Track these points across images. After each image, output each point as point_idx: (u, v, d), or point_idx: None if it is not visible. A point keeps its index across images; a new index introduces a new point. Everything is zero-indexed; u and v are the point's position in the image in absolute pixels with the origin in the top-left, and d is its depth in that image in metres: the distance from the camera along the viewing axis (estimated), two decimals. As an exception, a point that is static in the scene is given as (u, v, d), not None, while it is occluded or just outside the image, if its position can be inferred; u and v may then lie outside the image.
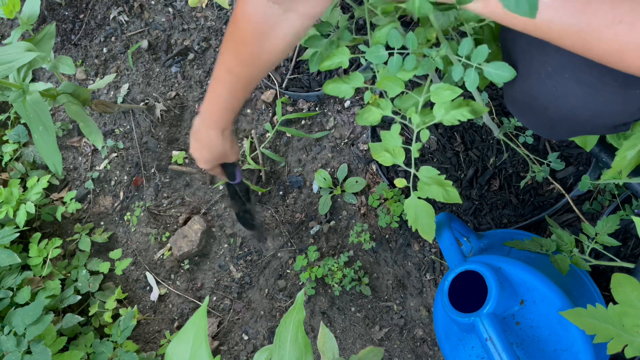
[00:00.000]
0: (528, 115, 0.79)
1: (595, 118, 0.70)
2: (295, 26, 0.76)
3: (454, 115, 0.75)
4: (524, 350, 0.88)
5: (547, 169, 1.21)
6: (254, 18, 0.75)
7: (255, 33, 0.76)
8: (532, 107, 0.75)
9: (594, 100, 0.68)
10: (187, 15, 1.82)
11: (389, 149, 0.79)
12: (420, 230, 0.77)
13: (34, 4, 1.36)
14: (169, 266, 1.61)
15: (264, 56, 0.80)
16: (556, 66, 0.68)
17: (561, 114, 0.72)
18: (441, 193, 0.74)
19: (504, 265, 0.92)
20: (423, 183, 0.76)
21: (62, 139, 1.84)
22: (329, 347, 0.75)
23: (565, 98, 0.70)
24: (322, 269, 1.41)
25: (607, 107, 0.68)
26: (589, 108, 0.69)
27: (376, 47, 0.73)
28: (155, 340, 1.56)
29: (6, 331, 1.34)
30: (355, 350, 1.38)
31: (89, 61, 1.90)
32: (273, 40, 0.77)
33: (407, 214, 0.77)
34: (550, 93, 0.71)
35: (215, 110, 0.94)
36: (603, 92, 0.67)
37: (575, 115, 0.71)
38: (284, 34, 0.76)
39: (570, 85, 0.68)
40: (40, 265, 1.58)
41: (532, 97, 0.73)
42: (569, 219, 1.27)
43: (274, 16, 0.74)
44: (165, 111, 1.74)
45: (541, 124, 0.79)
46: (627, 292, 0.69)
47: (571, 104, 0.70)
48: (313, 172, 1.55)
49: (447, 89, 0.74)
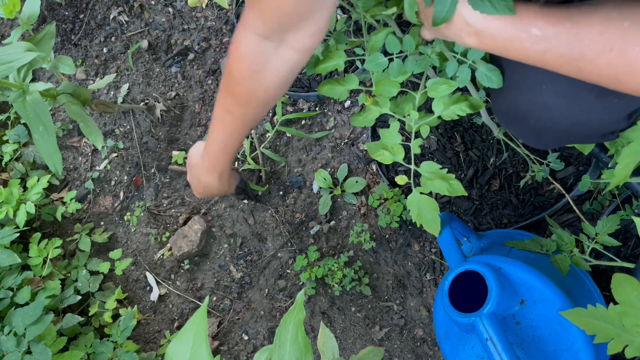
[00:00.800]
0: (514, 125, 0.81)
1: (576, 127, 0.72)
2: (289, 61, 0.75)
3: (453, 110, 0.76)
4: (524, 350, 0.88)
5: (546, 169, 1.21)
6: (246, 57, 0.74)
7: (248, 72, 0.76)
8: (516, 117, 0.77)
9: (571, 110, 0.70)
10: (187, 15, 1.82)
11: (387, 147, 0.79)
12: (425, 224, 0.76)
13: (34, 4, 1.36)
14: (169, 266, 1.61)
15: (260, 95, 0.79)
16: (535, 78, 0.70)
17: (542, 124, 0.74)
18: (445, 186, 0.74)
19: (504, 265, 0.92)
20: (426, 178, 0.76)
21: (62, 139, 1.84)
22: (329, 347, 0.75)
23: (544, 108, 0.72)
24: (322, 269, 1.41)
25: (586, 117, 0.70)
26: (568, 117, 0.71)
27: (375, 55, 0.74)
28: (155, 340, 1.56)
29: (6, 331, 1.34)
30: (355, 350, 1.38)
31: (89, 61, 1.90)
32: (267, 78, 0.77)
33: (410, 210, 0.77)
34: (529, 104, 0.73)
35: (212, 153, 0.95)
36: (580, 102, 0.68)
37: (556, 124, 0.73)
38: (277, 70, 0.76)
39: (549, 96, 0.70)
40: (40, 265, 1.58)
41: (514, 107, 0.75)
42: (569, 219, 1.27)
43: (266, 53, 0.74)
44: (165, 111, 1.74)
45: (527, 133, 0.81)
46: (628, 292, 0.69)
47: (550, 114, 0.72)
48: (313, 172, 1.55)
49: (443, 83, 0.75)
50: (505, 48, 0.62)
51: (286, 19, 0.69)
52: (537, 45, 0.59)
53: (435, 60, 0.73)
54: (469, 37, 0.64)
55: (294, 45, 0.73)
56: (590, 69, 0.58)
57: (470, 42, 0.64)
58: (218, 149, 0.93)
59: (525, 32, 0.59)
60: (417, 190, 0.76)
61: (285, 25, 0.70)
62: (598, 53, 0.56)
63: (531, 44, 0.59)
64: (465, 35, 0.64)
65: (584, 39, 0.56)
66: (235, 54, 0.75)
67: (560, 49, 0.58)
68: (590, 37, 0.56)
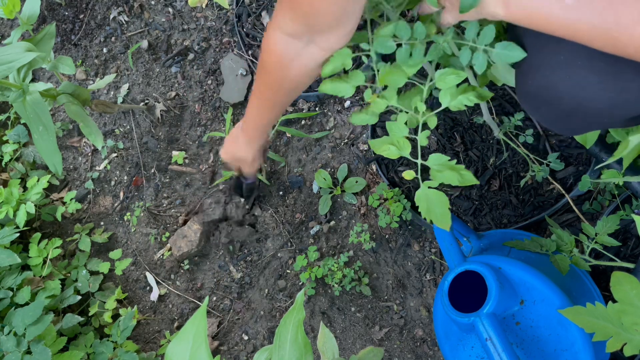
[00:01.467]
0: (542, 110, 0.77)
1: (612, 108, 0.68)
2: (316, 57, 0.79)
3: (460, 101, 0.75)
4: (523, 350, 0.88)
5: (546, 168, 1.21)
6: (276, 51, 0.79)
7: (277, 64, 0.81)
8: (546, 99, 0.73)
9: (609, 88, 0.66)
10: (187, 15, 1.82)
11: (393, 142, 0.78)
12: (434, 220, 0.75)
13: (34, 4, 1.36)
14: (169, 266, 1.61)
15: (287, 84, 0.86)
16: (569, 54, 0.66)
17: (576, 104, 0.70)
18: (455, 177, 0.73)
19: (504, 265, 0.92)
20: (435, 171, 0.75)
21: (62, 139, 1.84)
22: (329, 347, 0.75)
23: (579, 87, 0.68)
24: (322, 269, 1.41)
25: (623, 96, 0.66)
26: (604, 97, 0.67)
27: (384, 38, 0.73)
28: (155, 340, 1.56)
29: (6, 331, 1.34)
30: (355, 350, 1.38)
31: (89, 61, 1.90)
32: (294, 71, 0.82)
33: (419, 206, 0.76)
34: (564, 83, 0.69)
35: (247, 124, 1.07)
36: (618, 80, 0.65)
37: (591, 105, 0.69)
38: (304, 64, 0.80)
39: (585, 73, 0.66)
40: (40, 265, 1.58)
41: (545, 88, 0.71)
42: (569, 219, 1.27)
43: (294, 50, 0.78)
44: (165, 111, 1.74)
45: (556, 117, 0.77)
46: (627, 290, 0.69)
47: (586, 93, 0.68)
48: (313, 172, 1.55)
49: (452, 74, 0.74)
50: (534, 18, 0.60)
51: (316, 25, 0.73)
52: (568, 13, 0.57)
53: (447, 48, 0.72)
54: (496, 7, 0.62)
55: (321, 46, 0.77)
56: (626, 39, 0.55)
57: (499, 11, 0.62)
58: (251, 122, 1.04)
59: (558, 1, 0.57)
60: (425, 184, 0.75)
61: (315, 30, 0.74)
62: (635, 21, 0.54)
63: (562, 12, 0.57)
64: (492, 5, 0.62)
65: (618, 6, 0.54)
66: (267, 50, 0.81)
67: (594, 18, 0.56)
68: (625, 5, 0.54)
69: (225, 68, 1.70)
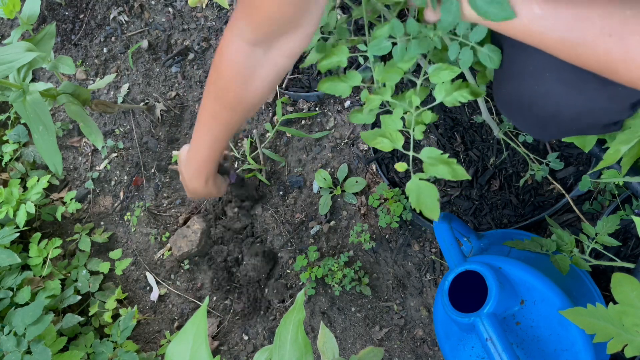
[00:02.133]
0: (516, 116, 0.80)
1: (580, 116, 0.71)
2: (277, 65, 0.76)
3: (454, 97, 0.75)
4: (524, 351, 0.88)
5: (546, 168, 1.21)
6: (235, 64, 0.75)
7: (238, 77, 0.76)
8: (519, 106, 0.76)
9: (576, 98, 0.68)
10: (187, 15, 1.82)
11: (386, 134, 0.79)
12: (424, 210, 0.76)
13: (34, 4, 1.36)
14: (169, 266, 1.61)
15: (248, 99, 0.80)
16: (538, 65, 0.69)
17: (546, 112, 0.73)
18: (448, 171, 0.74)
19: (504, 265, 0.92)
20: (428, 164, 0.76)
21: (62, 139, 1.84)
22: (329, 347, 0.75)
23: (548, 96, 0.70)
24: (322, 269, 1.41)
25: (590, 105, 0.69)
26: (572, 106, 0.69)
27: (378, 39, 0.73)
28: (155, 340, 1.56)
29: (6, 331, 1.34)
30: (355, 350, 1.38)
31: (89, 61, 1.90)
32: (256, 83, 0.77)
33: (409, 197, 0.76)
34: (533, 92, 0.71)
35: (199, 159, 0.96)
36: (585, 90, 0.67)
37: (560, 113, 0.71)
38: (266, 74, 0.76)
39: (552, 83, 0.69)
40: (40, 265, 1.58)
41: (517, 96, 0.74)
42: (569, 219, 1.27)
43: (255, 59, 0.74)
44: (165, 111, 1.74)
45: (530, 124, 0.80)
46: (627, 291, 0.69)
47: (554, 101, 0.70)
48: (313, 172, 1.55)
49: (446, 69, 0.74)
50: (505, 25, 0.61)
51: (275, 28, 0.70)
52: (537, 23, 0.58)
53: (437, 42, 0.72)
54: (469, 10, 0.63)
55: (282, 51, 0.74)
56: (588, 54, 0.57)
57: (473, 16, 0.63)
58: (203, 155, 0.94)
59: (527, 9, 0.58)
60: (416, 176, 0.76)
61: (275, 34, 0.71)
62: (596, 37, 0.55)
63: (530, 21, 0.59)
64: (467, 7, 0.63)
65: (583, 20, 0.56)
66: (224, 60, 0.76)
67: (560, 30, 0.58)
68: (591, 20, 0.55)
69: (225, 68, 1.70)
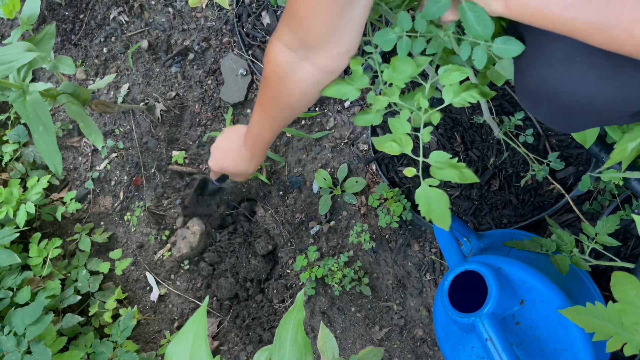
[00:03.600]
0: (542, 106, 0.76)
1: (612, 104, 0.68)
2: (310, 76, 0.79)
3: (463, 98, 0.75)
4: (523, 350, 0.88)
5: (546, 168, 1.21)
6: (274, 63, 0.80)
7: (275, 74, 0.82)
8: (545, 96, 0.72)
9: (609, 84, 0.65)
10: (187, 15, 1.82)
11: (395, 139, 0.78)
12: (434, 219, 0.74)
13: (34, 4, 1.36)
14: (169, 266, 1.61)
15: (284, 97, 0.85)
16: (568, 50, 0.66)
17: (576, 100, 0.69)
18: (456, 174, 0.73)
19: (504, 265, 0.92)
20: (436, 168, 0.75)
21: (62, 139, 1.84)
22: (329, 347, 0.75)
23: (579, 83, 0.67)
24: (322, 269, 1.41)
25: (624, 92, 0.66)
26: (605, 93, 0.66)
27: (384, 31, 0.72)
28: (155, 340, 1.56)
29: (6, 331, 1.34)
30: (355, 350, 1.38)
31: (89, 61, 1.90)
32: (290, 84, 0.82)
33: (419, 204, 0.75)
34: (563, 79, 0.68)
35: (252, 139, 1.04)
36: (619, 75, 0.64)
37: (591, 101, 0.68)
38: (299, 80, 0.80)
39: (584, 69, 0.66)
40: (40, 265, 1.58)
41: (544, 84, 0.71)
42: (569, 219, 1.27)
43: (291, 63, 0.79)
44: (165, 111, 1.74)
45: (555, 114, 0.76)
46: (627, 290, 0.69)
47: (586, 88, 0.67)
48: (313, 172, 1.55)
49: (456, 70, 0.74)
50: (533, 15, 0.60)
51: (311, 40, 0.73)
52: (567, 11, 0.57)
53: (447, 42, 0.72)
54: (496, 4, 0.62)
55: (316, 64, 0.77)
56: (624, 37, 0.56)
57: (498, 8, 0.62)
58: (252, 133, 1.02)
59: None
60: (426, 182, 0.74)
61: (310, 45, 0.74)
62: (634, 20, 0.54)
63: (560, 10, 0.57)
64: (492, 1, 0.62)
65: (617, 5, 0.54)
66: (267, 58, 0.82)
67: (592, 16, 0.56)
68: (624, 5, 0.54)
69: (225, 68, 1.70)
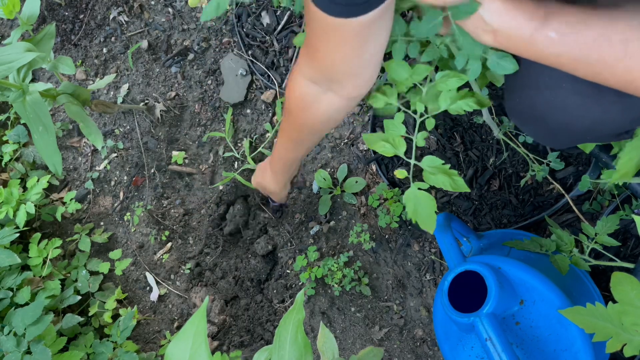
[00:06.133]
0: (529, 125, 0.80)
1: (594, 126, 0.71)
2: (334, 104, 0.82)
3: (459, 105, 0.75)
4: (523, 351, 0.88)
5: (546, 168, 1.21)
6: (297, 94, 0.84)
7: (298, 106, 0.86)
8: (532, 116, 0.76)
9: (592, 109, 0.69)
10: (187, 15, 1.82)
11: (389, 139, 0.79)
12: (420, 222, 0.75)
13: (34, 4, 1.36)
14: (168, 266, 1.61)
15: (308, 125, 0.89)
16: (553, 76, 0.69)
17: (560, 123, 0.73)
18: (448, 182, 0.74)
19: (503, 265, 0.92)
20: (428, 173, 0.75)
21: (62, 139, 1.84)
22: (329, 347, 0.75)
23: (563, 108, 0.70)
24: (322, 269, 1.41)
25: (606, 116, 0.69)
26: (588, 117, 0.70)
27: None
28: (155, 340, 1.56)
29: (6, 331, 1.34)
30: (355, 350, 1.38)
31: (89, 61, 1.90)
32: (314, 114, 0.85)
33: (406, 206, 0.76)
34: (548, 103, 0.72)
35: (274, 159, 1.15)
36: (601, 101, 0.67)
37: (574, 124, 0.72)
38: (323, 110, 0.84)
39: (568, 95, 0.69)
40: (40, 265, 1.58)
41: (531, 107, 0.74)
42: (568, 219, 1.27)
43: (314, 95, 0.82)
44: (165, 111, 1.74)
45: (542, 133, 0.80)
46: (627, 290, 0.69)
47: (569, 113, 0.70)
48: (313, 172, 1.55)
49: (454, 76, 0.74)
50: (520, 48, 0.62)
51: (333, 75, 0.76)
52: (553, 48, 0.59)
53: (443, 51, 0.72)
54: (485, 35, 0.64)
55: (339, 94, 0.79)
56: (607, 74, 0.58)
57: (487, 39, 0.64)
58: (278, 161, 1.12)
59: (542, 34, 0.58)
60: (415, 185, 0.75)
61: (332, 79, 0.77)
62: (617, 60, 0.56)
63: (547, 46, 0.59)
64: (481, 32, 0.64)
65: (602, 44, 0.56)
66: (290, 91, 0.86)
67: (577, 53, 0.58)
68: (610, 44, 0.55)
69: (225, 68, 1.70)
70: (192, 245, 1.61)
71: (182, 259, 1.60)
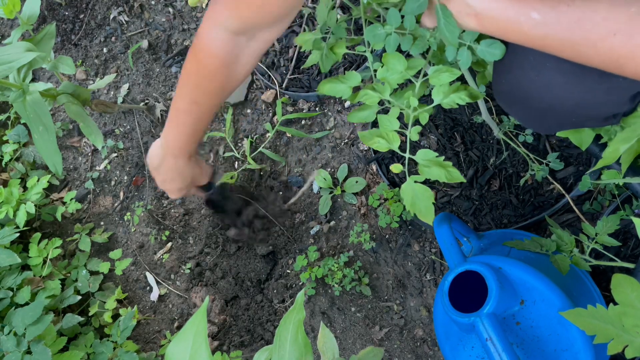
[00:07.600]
0: (516, 107, 0.80)
1: (579, 108, 0.71)
2: (257, 51, 0.81)
3: (452, 99, 0.75)
4: (524, 351, 0.88)
5: (546, 168, 1.21)
6: (219, 53, 0.78)
7: (222, 67, 0.80)
8: (518, 98, 0.76)
9: (575, 88, 0.69)
10: (187, 15, 1.82)
11: (383, 135, 0.79)
12: (418, 213, 0.76)
13: (34, 4, 1.36)
14: (169, 266, 1.61)
15: (231, 85, 0.84)
16: (538, 56, 0.69)
17: (545, 103, 0.73)
18: (443, 174, 0.74)
19: (504, 265, 0.92)
20: (423, 166, 0.76)
21: (62, 139, 1.84)
22: (329, 347, 0.75)
23: (547, 87, 0.71)
24: (322, 269, 1.41)
25: (590, 96, 0.69)
26: (572, 97, 0.70)
27: (374, 26, 0.73)
28: (155, 340, 1.56)
29: (6, 331, 1.34)
30: (355, 350, 1.38)
31: (89, 61, 1.90)
32: (238, 69, 0.81)
33: (403, 199, 0.77)
34: (533, 83, 0.72)
35: (182, 139, 0.95)
36: (585, 80, 0.67)
37: (559, 104, 0.72)
38: (247, 61, 0.81)
39: (552, 74, 0.69)
40: (40, 265, 1.58)
41: (517, 88, 0.74)
42: (569, 219, 1.27)
43: (239, 47, 0.78)
44: (165, 111, 1.74)
45: (529, 115, 0.80)
46: (627, 292, 0.69)
47: (554, 93, 0.70)
48: (313, 172, 1.55)
49: (446, 71, 0.74)
50: (504, 31, 0.62)
51: (263, 22, 0.75)
52: (536, 29, 0.59)
53: (433, 43, 0.72)
54: (468, 18, 0.63)
55: (262, 40, 0.79)
56: (591, 53, 0.58)
57: (470, 23, 0.63)
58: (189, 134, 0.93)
59: (525, 15, 0.58)
60: (411, 178, 0.76)
61: (262, 26, 0.76)
62: (601, 38, 0.56)
63: (530, 28, 0.59)
64: (464, 16, 0.63)
65: (586, 23, 0.56)
66: (206, 50, 0.78)
67: (561, 34, 0.58)
68: (593, 22, 0.56)
69: (225, 68, 1.70)
70: (192, 245, 1.61)
71: (182, 258, 1.60)
